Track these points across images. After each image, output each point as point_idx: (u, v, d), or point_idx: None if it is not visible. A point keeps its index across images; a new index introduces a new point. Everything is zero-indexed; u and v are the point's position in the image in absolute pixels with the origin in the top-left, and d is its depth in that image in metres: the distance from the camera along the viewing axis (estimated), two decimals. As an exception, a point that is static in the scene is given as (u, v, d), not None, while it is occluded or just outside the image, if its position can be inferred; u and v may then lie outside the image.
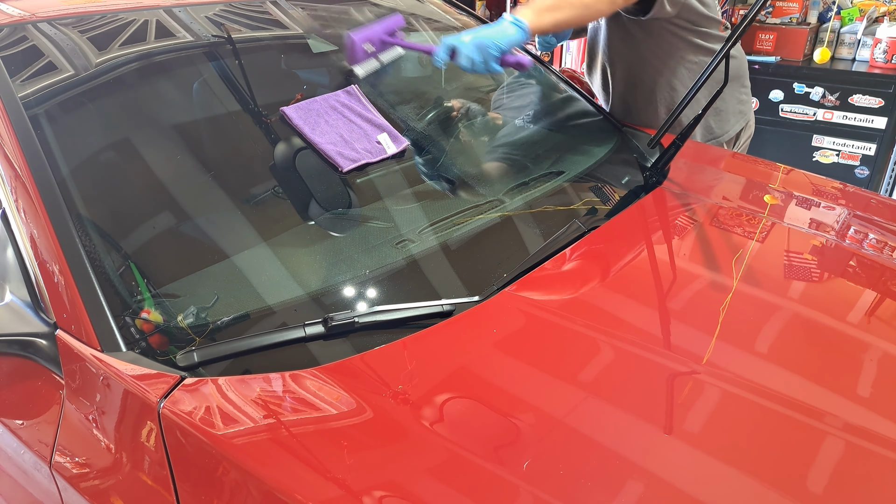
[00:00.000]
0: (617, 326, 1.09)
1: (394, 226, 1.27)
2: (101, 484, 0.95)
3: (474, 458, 0.82)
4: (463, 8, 2.05)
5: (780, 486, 0.81)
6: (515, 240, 1.30)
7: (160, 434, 0.88)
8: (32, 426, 1.05)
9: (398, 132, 1.44)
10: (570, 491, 0.79)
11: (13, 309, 1.04)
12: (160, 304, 1.04)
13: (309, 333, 1.00)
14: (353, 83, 1.49)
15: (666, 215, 1.46)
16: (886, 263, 1.32)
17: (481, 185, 1.44)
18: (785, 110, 3.38)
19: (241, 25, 1.55)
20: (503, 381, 0.95)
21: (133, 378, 0.92)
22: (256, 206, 1.25)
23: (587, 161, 1.59)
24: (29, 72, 1.23)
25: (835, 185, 1.67)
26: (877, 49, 3.23)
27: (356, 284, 1.13)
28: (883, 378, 1.00)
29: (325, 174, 1.32)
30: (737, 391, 0.95)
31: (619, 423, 0.89)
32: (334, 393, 0.91)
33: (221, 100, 1.40)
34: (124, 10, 1.46)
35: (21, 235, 1.07)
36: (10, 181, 1.09)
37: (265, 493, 0.79)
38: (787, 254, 1.32)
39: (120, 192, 1.19)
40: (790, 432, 0.89)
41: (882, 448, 0.87)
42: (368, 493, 0.78)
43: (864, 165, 3.28)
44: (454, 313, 1.06)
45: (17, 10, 1.38)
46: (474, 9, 4.60)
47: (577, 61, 3.84)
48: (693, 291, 1.20)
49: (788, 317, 1.15)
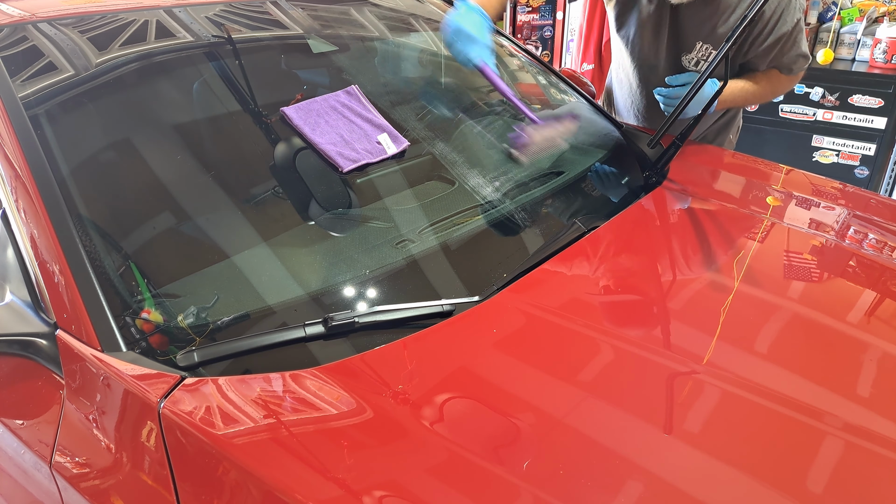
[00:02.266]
0: (617, 326, 1.09)
1: (394, 226, 1.27)
2: (102, 484, 0.95)
3: (474, 458, 0.82)
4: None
5: (780, 486, 0.81)
6: (515, 240, 1.30)
7: (160, 434, 0.88)
8: (32, 426, 1.05)
9: (398, 132, 1.44)
10: (570, 491, 0.79)
11: (13, 309, 1.04)
12: (160, 304, 1.04)
13: (309, 333, 1.00)
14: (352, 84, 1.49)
15: (666, 215, 1.46)
16: (886, 263, 1.32)
17: (481, 184, 1.44)
18: (785, 110, 3.38)
19: (241, 25, 1.55)
20: (503, 381, 0.95)
21: (133, 378, 0.92)
22: (257, 206, 1.25)
23: (587, 161, 1.59)
24: (29, 72, 1.23)
25: (835, 185, 1.67)
26: (876, 49, 3.23)
27: (356, 284, 1.13)
28: (883, 378, 1.00)
29: (326, 174, 1.32)
30: (737, 391, 0.95)
31: (620, 423, 0.89)
32: (334, 393, 0.91)
33: (221, 100, 1.40)
34: (124, 10, 1.46)
35: (21, 235, 1.07)
36: (10, 181, 1.09)
37: (265, 493, 0.79)
38: (787, 254, 1.32)
39: (120, 192, 1.19)
40: (790, 432, 0.89)
41: (882, 448, 0.87)
42: (368, 493, 0.78)
43: (864, 165, 3.28)
44: (454, 313, 1.06)
45: (17, 10, 1.38)
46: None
47: (577, 61, 3.84)
48: (693, 291, 1.20)
49: (788, 317, 1.15)
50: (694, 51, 1.75)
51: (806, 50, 1.74)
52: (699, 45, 1.74)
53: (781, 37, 1.67)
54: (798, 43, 1.71)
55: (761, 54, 1.71)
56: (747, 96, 1.76)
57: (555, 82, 1.95)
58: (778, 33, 1.66)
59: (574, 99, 1.89)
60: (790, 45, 1.70)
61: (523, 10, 4.32)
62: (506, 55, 2.02)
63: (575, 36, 3.94)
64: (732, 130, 2.08)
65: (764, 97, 1.82)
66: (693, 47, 1.75)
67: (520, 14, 4.33)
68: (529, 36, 4.38)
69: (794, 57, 1.73)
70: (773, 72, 1.77)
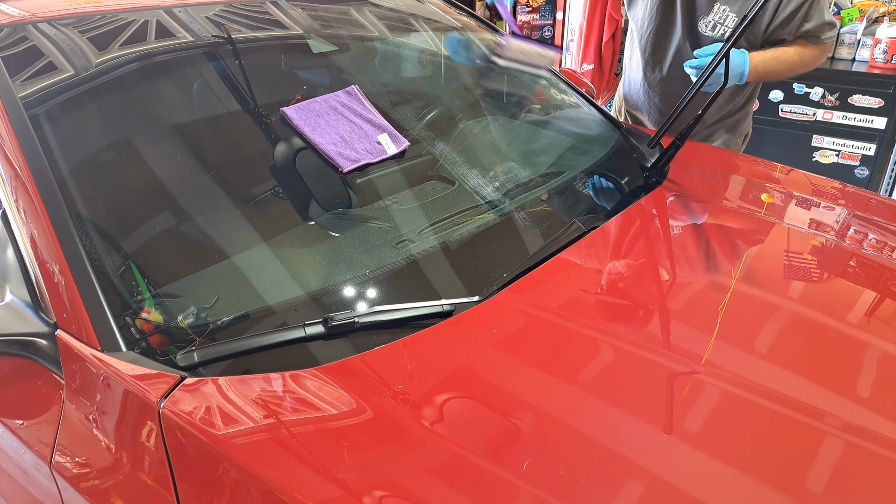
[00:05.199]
0: (616, 326, 1.09)
1: (394, 226, 1.27)
2: (102, 484, 0.95)
3: (474, 458, 0.82)
4: (463, 8, 2.05)
5: (779, 486, 0.81)
6: (515, 240, 1.30)
7: (160, 434, 0.88)
8: (32, 426, 1.05)
9: (398, 132, 1.44)
10: (570, 491, 0.79)
11: (13, 309, 1.04)
12: (160, 304, 1.04)
13: (309, 333, 1.00)
14: (353, 84, 1.49)
15: (665, 215, 1.46)
16: (886, 263, 1.32)
17: (481, 184, 1.44)
18: (785, 110, 3.38)
19: (241, 25, 1.55)
20: (503, 381, 0.95)
21: (133, 378, 0.92)
22: (257, 206, 1.25)
23: (587, 161, 1.59)
24: (29, 72, 1.23)
25: (834, 185, 1.67)
26: (876, 49, 3.23)
27: (356, 284, 1.13)
28: (883, 378, 1.00)
29: (326, 174, 1.32)
30: (736, 391, 0.95)
31: (619, 423, 0.89)
32: (334, 393, 0.91)
33: (222, 100, 1.40)
34: (124, 10, 1.46)
35: (21, 235, 1.07)
36: (10, 181, 1.09)
37: (265, 493, 0.79)
38: (787, 254, 1.32)
39: (120, 192, 1.19)
40: (790, 432, 0.89)
41: (882, 448, 0.87)
42: (368, 493, 0.78)
43: (864, 165, 3.28)
44: (454, 313, 1.06)
45: (17, 10, 1.38)
46: (474, 9, 4.60)
47: (577, 61, 3.84)
48: (692, 291, 1.20)
49: (788, 317, 1.15)
50: (711, 13, 1.74)
51: (831, 17, 1.74)
52: (717, 7, 1.73)
53: (801, 5, 1.67)
54: (820, 10, 1.71)
55: (782, 24, 1.71)
56: (779, 65, 1.75)
57: (555, 82, 1.95)
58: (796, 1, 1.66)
59: (574, 99, 1.89)
60: (813, 13, 1.70)
61: (523, 10, 4.33)
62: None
63: (575, 36, 3.94)
64: (739, 133, 2.06)
65: (794, 67, 1.79)
66: (710, 9, 1.74)
67: (520, 14, 4.33)
68: (529, 36, 4.38)
69: (820, 25, 1.73)
70: (802, 41, 1.77)
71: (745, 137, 2.09)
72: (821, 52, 1.81)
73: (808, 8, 1.69)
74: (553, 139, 1.72)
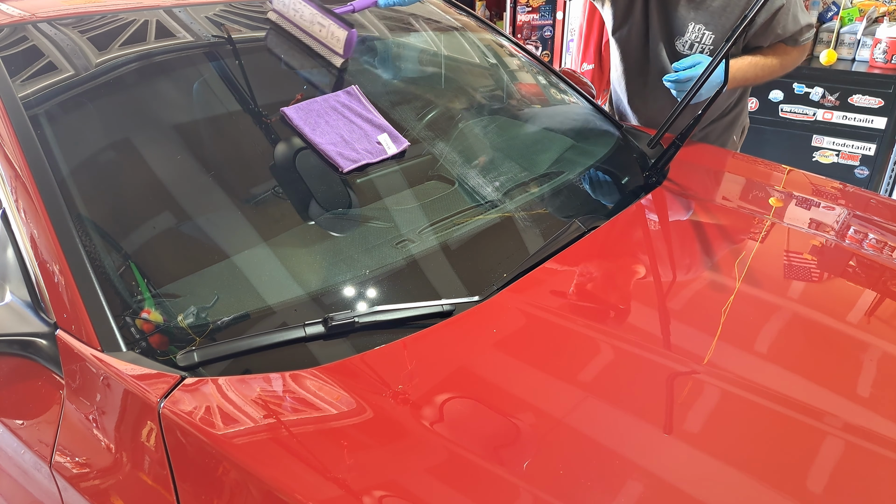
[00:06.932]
0: (617, 326, 1.09)
1: (394, 226, 1.27)
2: (102, 484, 0.95)
3: (474, 458, 0.82)
4: (463, 8, 2.05)
5: (780, 486, 0.81)
6: (515, 240, 1.30)
7: (160, 434, 0.88)
8: (32, 426, 1.05)
9: (398, 132, 1.44)
10: (570, 491, 0.79)
11: (13, 309, 1.04)
12: (160, 304, 1.04)
13: (309, 333, 1.00)
14: (352, 83, 1.49)
15: (666, 215, 1.46)
16: (886, 263, 1.32)
17: (481, 184, 1.44)
18: (785, 110, 3.38)
19: (242, 25, 1.55)
20: (503, 381, 0.95)
21: (133, 378, 0.92)
22: (257, 206, 1.25)
23: (587, 161, 1.59)
24: (29, 72, 1.23)
25: (835, 185, 1.67)
26: (876, 49, 3.23)
27: (356, 284, 1.13)
28: (883, 378, 1.00)
29: (326, 174, 1.32)
30: (737, 391, 0.95)
31: (620, 423, 0.89)
32: (334, 393, 0.91)
33: (222, 100, 1.40)
34: (124, 10, 1.46)
35: (21, 235, 1.07)
36: (10, 181, 1.09)
37: (265, 493, 0.79)
38: (788, 254, 1.32)
39: (120, 192, 1.19)
40: (790, 432, 0.89)
41: (882, 448, 0.87)
42: (368, 493, 0.78)
43: (864, 165, 3.28)
44: (454, 313, 1.06)
45: (17, 10, 1.38)
46: (474, 9, 4.60)
47: (577, 61, 3.84)
48: (693, 292, 1.20)
49: (788, 317, 1.15)
50: (687, 33, 1.75)
51: (809, 19, 1.74)
52: (691, 27, 1.74)
53: (778, 10, 1.68)
54: (796, 15, 1.71)
55: (760, 31, 1.72)
56: (757, 71, 1.76)
57: (555, 82, 1.95)
58: (773, 7, 1.67)
59: (574, 99, 1.89)
60: (789, 18, 1.70)
61: (523, 10, 4.32)
62: (506, 55, 2.02)
63: (575, 36, 3.94)
64: (736, 131, 2.06)
65: (774, 71, 1.80)
66: (685, 29, 1.75)
67: (520, 14, 4.33)
68: (529, 36, 4.38)
69: (797, 28, 1.73)
70: (780, 45, 1.78)
71: (742, 131, 2.10)
72: (800, 53, 1.82)
73: (784, 13, 1.69)
74: (553, 139, 1.72)
